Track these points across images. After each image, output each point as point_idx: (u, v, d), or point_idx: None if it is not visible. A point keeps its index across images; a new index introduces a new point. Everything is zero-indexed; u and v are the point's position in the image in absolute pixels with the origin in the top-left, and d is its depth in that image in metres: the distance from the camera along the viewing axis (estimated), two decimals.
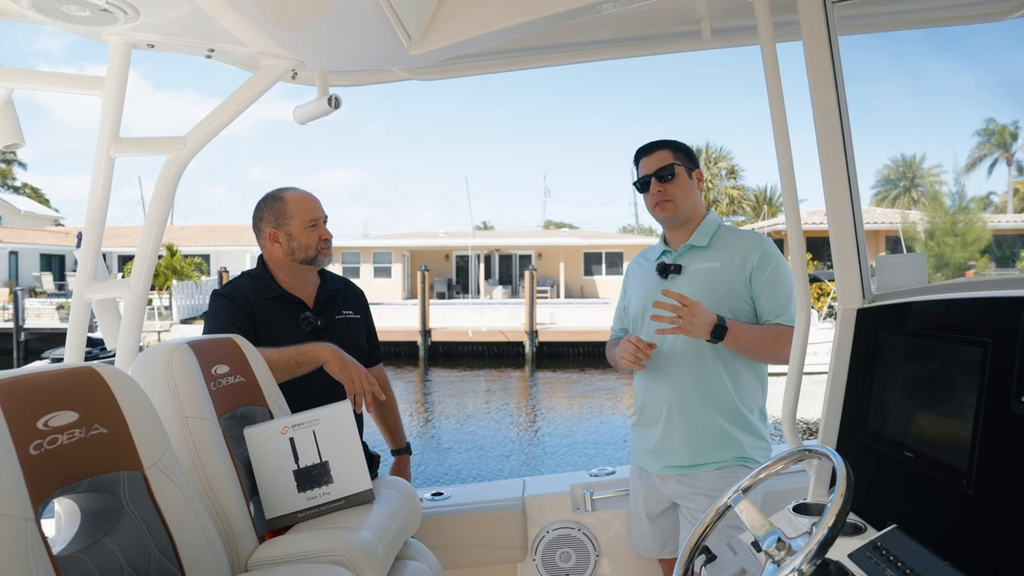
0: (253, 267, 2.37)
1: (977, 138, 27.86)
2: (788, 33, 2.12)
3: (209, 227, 35.83)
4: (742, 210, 38.32)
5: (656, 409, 2.25)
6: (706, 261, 2.20)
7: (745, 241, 2.22)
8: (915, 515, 1.48)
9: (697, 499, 2.16)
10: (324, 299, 2.34)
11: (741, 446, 2.16)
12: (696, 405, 2.17)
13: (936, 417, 1.50)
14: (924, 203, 30.23)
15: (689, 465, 2.18)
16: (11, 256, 30.31)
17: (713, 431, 2.16)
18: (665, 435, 2.22)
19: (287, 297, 2.27)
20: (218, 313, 2.19)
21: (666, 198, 2.22)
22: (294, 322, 2.24)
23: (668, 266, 2.24)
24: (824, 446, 1.33)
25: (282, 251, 2.25)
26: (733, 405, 2.17)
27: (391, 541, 1.76)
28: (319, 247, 2.27)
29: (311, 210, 2.27)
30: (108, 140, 1.94)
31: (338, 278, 2.49)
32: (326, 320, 2.29)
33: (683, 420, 2.19)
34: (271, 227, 2.25)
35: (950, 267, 17.44)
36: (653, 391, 2.26)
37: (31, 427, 1.17)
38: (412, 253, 32.05)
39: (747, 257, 2.16)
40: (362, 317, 2.46)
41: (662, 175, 2.22)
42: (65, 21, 1.76)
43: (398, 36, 1.87)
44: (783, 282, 2.16)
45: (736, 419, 2.17)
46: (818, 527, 1.12)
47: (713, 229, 2.25)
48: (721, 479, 2.13)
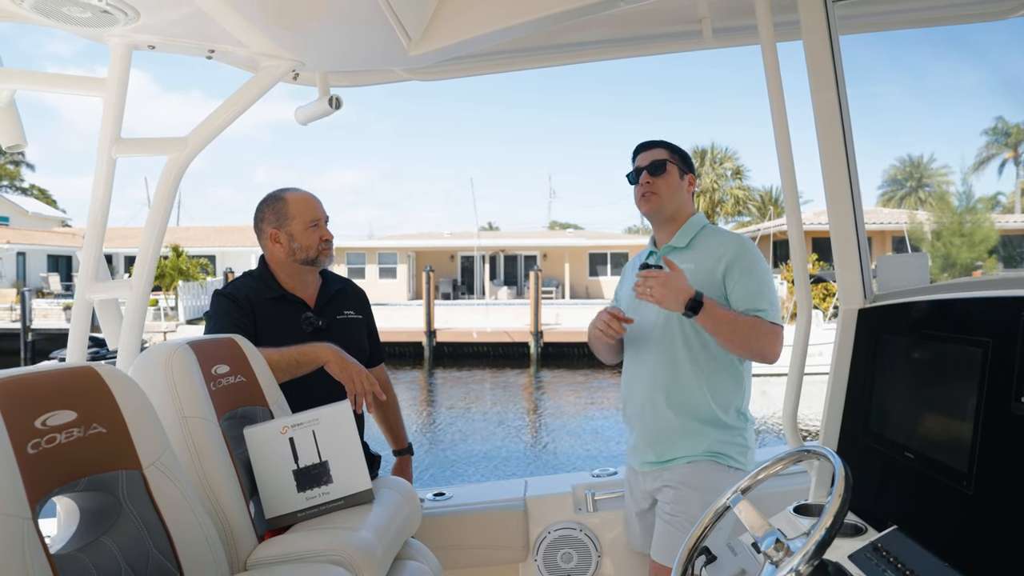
0: (255, 267, 2.37)
1: (985, 138, 27.79)
2: (789, 33, 2.12)
3: (214, 228, 35.95)
4: (747, 211, 38.22)
5: (633, 407, 2.27)
6: (684, 262, 2.17)
7: (724, 243, 2.17)
8: (916, 516, 1.47)
9: (666, 491, 2.16)
10: (325, 299, 2.34)
11: (711, 440, 2.13)
12: (665, 404, 2.17)
13: (936, 418, 1.50)
14: (931, 203, 30.15)
15: (660, 461, 2.19)
16: (19, 257, 30.46)
17: (682, 428, 2.15)
18: (640, 432, 2.24)
19: (288, 297, 2.27)
20: (219, 313, 2.20)
21: (652, 191, 2.22)
22: (295, 322, 2.24)
23: (649, 267, 2.24)
24: (822, 447, 1.32)
25: (283, 251, 2.25)
26: (705, 405, 2.14)
27: (390, 541, 1.76)
28: (320, 248, 2.26)
29: (312, 211, 2.26)
30: (109, 141, 1.95)
31: (340, 278, 2.48)
32: (327, 320, 2.29)
33: (654, 418, 2.20)
34: (272, 227, 2.25)
35: (957, 267, 17.38)
36: (631, 390, 2.29)
37: (29, 426, 1.17)
38: (417, 254, 32.09)
39: (721, 258, 2.13)
40: (364, 317, 2.46)
41: (653, 168, 2.22)
42: (66, 23, 1.76)
43: (397, 37, 1.88)
44: (758, 279, 2.10)
45: (707, 418, 2.15)
46: (815, 528, 1.12)
47: (696, 230, 2.24)
48: (692, 472, 2.13)
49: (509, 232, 41.30)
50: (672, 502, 2.13)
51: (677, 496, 2.12)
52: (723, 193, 37.65)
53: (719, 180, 37.66)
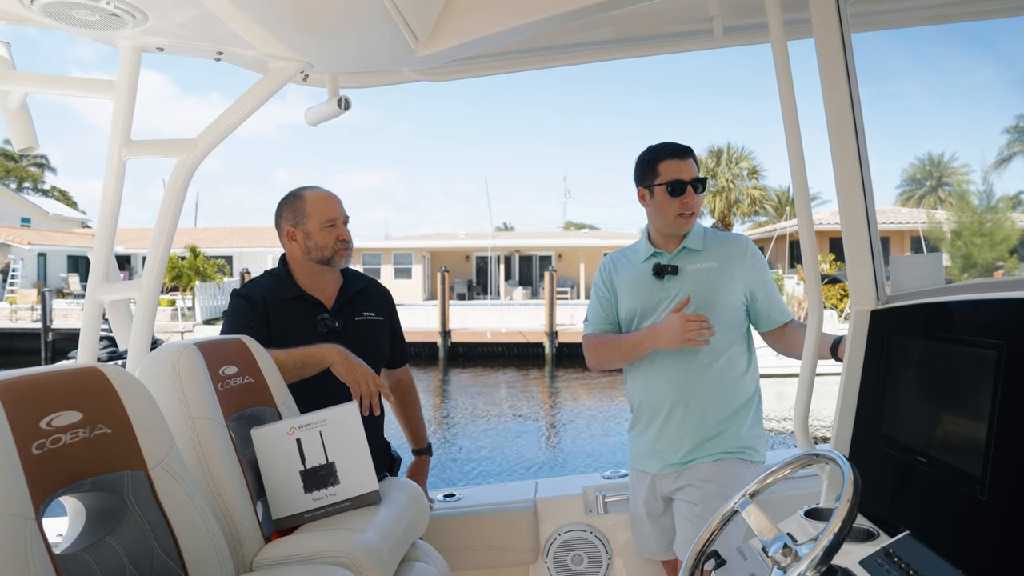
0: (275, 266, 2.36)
1: (1007, 136, 27.38)
2: (800, 31, 2.09)
3: (231, 229, 36.23)
4: (763, 210, 37.92)
5: (655, 408, 2.25)
6: (704, 262, 2.23)
7: (734, 242, 2.30)
8: (928, 521, 1.45)
9: (689, 490, 2.16)
10: (344, 300, 2.32)
11: (737, 435, 2.19)
12: (692, 405, 2.19)
13: (950, 421, 1.47)
14: (951, 202, 29.77)
15: (686, 460, 2.19)
16: (39, 258, 30.84)
17: (712, 425, 2.18)
18: (665, 433, 2.22)
19: (305, 298, 2.26)
20: (234, 313, 2.20)
21: (693, 211, 2.22)
22: (310, 323, 2.22)
23: (665, 267, 2.22)
24: (832, 450, 1.30)
25: (299, 250, 2.24)
26: (729, 401, 2.20)
27: (396, 543, 1.75)
28: (336, 248, 2.24)
29: (329, 210, 2.24)
30: (119, 142, 1.96)
31: (363, 278, 2.45)
32: (344, 321, 2.27)
33: (683, 417, 2.20)
34: (289, 225, 2.25)
35: (978, 267, 17.15)
36: (651, 390, 2.26)
37: (34, 427, 1.17)
38: (433, 254, 32.15)
39: (741, 257, 2.25)
40: (386, 318, 2.42)
41: (698, 186, 2.20)
42: (75, 26, 1.77)
43: (404, 37, 1.87)
44: (772, 280, 2.33)
45: (735, 411, 2.21)
46: (823, 533, 1.10)
47: (703, 234, 2.31)
48: (714, 469, 2.14)
49: (524, 232, 41.29)
50: (700, 501, 2.11)
51: (704, 495, 2.11)
52: (739, 193, 37.39)
53: (735, 180, 37.40)
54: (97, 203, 2.05)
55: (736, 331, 2.25)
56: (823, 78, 1.83)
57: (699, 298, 2.17)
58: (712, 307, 2.16)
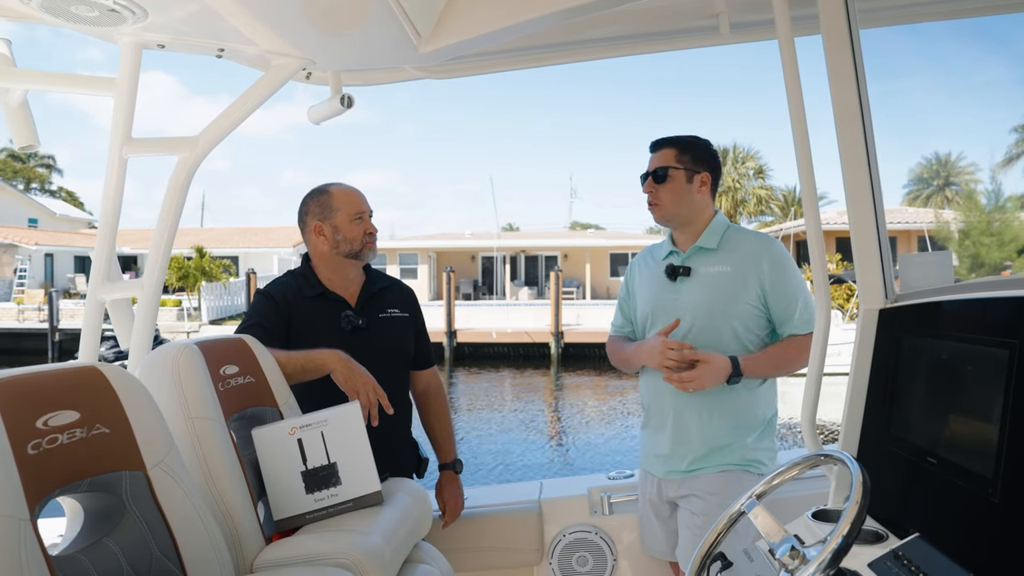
0: (298, 265, 2.34)
1: (1015, 135, 27.19)
2: (808, 27, 2.06)
3: (237, 229, 36.34)
4: (770, 210, 37.81)
5: (662, 412, 2.21)
6: (717, 265, 2.14)
7: (754, 244, 2.17)
8: (938, 524, 1.42)
9: (692, 500, 2.12)
10: (367, 297, 2.30)
11: (745, 448, 2.12)
12: (702, 409, 2.13)
13: (961, 422, 1.45)
14: (959, 202, 29.61)
15: (691, 469, 2.15)
16: (47, 258, 30.97)
17: (719, 435, 2.12)
18: (671, 439, 2.18)
19: (328, 295, 2.25)
20: (253, 312, 2.21)
21: (654, 201, 2.19)
22: (335, 321, 2.21)
23: (677, 268, 2.18)
24: (840, 451, 1.28)
25: (327, 244, 2.23)
26: (741, 408, 2.13)
27: (399, 544, 1.74)
28: (364, 240, 2.25)
29: (356, 203, 2.25)
30: (120, 140, 1.95)
31: (385, 276, 2.44)
32: (368, 319, 2.25)
33: (687, 423, 2.15)
34: (316, 220, 2.24)
35: (986, 267, 17.05)
36: (659, 393, 2.21)
37: (30, 426, 1.16)
38: (438, 254, 32.16)
39: (758, 262, 2.12)
40: (410, 316, 2.40)
41: (657, 176, 2.17)
42: (74, 22, 1.76)
43: (407, 34, 1.86)
44: (797, 288, 2.15)
45: (744, 422, 2.13)
46: (831, 536, 1.08)
47: (722, 231, 2.20)
48: (720, 481, 2.09)
49: (530, 232, 41.31)
50: (702, 513, 2.08)
51: (707, 506, 2.07)
52: (745, 192, 37.29)
53: (741, 179, 37.30)
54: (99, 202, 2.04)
55: (750, 340, 2.13)
56: (831, 75, 1.80)
57: (709, 306, 2.10)
58: (722, 315, 2.10)
